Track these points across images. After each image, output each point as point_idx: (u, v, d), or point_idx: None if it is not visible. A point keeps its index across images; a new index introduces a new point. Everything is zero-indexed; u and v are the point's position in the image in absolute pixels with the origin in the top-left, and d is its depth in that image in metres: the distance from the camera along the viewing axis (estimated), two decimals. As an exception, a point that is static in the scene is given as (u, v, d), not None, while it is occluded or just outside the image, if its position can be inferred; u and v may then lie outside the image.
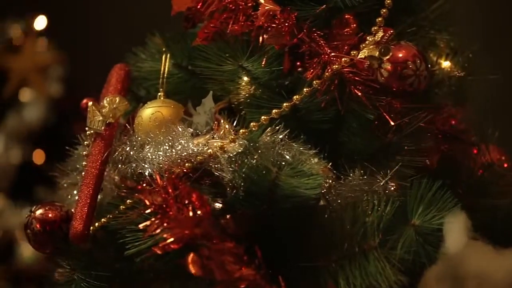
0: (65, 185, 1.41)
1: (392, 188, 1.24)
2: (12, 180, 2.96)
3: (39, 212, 1.31)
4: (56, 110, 3.00)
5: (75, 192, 1.37)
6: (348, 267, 1.17)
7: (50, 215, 1.31)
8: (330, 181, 1.24)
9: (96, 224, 1.28)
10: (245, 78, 1.29)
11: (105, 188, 1.32)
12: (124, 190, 1.25)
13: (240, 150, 1.21)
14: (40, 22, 2.99)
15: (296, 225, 1.20)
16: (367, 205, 1.19)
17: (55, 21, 3.06)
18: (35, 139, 2.98)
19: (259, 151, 1.20)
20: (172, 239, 1.13)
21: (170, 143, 1.24)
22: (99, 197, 1.30)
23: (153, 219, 1.14)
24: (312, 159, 1.20)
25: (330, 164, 1.23)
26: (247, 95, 1.28)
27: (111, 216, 1.29)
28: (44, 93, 2.95)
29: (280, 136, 1.21)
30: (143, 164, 1.24)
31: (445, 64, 1.40)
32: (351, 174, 1.25)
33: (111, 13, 3.21)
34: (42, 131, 2.98)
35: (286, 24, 1.25)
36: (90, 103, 1.32)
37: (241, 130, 1.22)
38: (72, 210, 1.31)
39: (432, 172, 1.25)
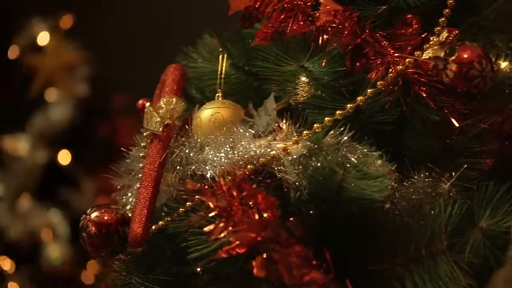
0: (118, 187, 1.39)
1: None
2: (38, 181, 2.95)
3: (94, 214, 1.29)
4: (82, 110, 2.98)
5: (129, 194, 1.36)
6: (415, 271, 1.15)
7: (105, 217, 1.29)
8: (394, 183, 1.22)
9: (153, 227, 1.27)
10: (306, 79, 1.27)
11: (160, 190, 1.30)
12: (185, 193, 1.23)
13: (304, 152, 1.19)
14: (66, 22, 2.97)
15: (361, 227, 1.18)
16: (433, 207, 1.18)
17: (82, 20, 3.04)
18: (61, 139, 2.96)
19: (324, 153, 1.18)
20: (238, 243, 1.11)
21: (231, 145, 1.22)
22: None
23: (217, 222, 1.13)
24: (376, 161, 1.18)
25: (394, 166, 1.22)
26: (308, 96, 1.26)
27: (169, 219, 1.27)
28: (70, 93, 2.93)
29: (345, 138, 1.19)
30: (204, 166, 1.22)
31: (504, 64, 1.38)
32: (415, 176, 1.23)
33: (136, 12, 3.19)
34: (68, 131, 2.96)
35: (347, 24, 1.24)
36: (147, 104, 1.30)
37: (304, 132, 1.20)
38: (128, 212, 1.30)
39: (497, 174, 1.23)
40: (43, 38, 2.99)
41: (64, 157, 3.00)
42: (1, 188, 2.96)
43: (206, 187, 1.16)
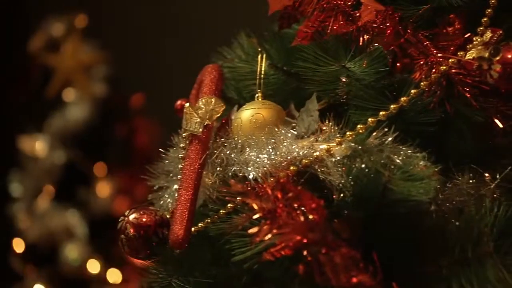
0: (155, 188, 1.38)
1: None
2: (56, 181, 2.94)
3: (132, 216, 1.28)
4: (100, 110, 2.97)
5: (166, 195, 1.34)
6: (462, 273, 1.14)
7: (144, 219, 1.27)
8: (437, 185, 1.21)
9: (193, 229, 1.25)
10: (346, 79, 1.26)
11: (199, 191, 1.29)
12: (227, 194, 1.22)
13: (348, 153, 1.18)
14: (82, 21, 2.96)
15: (406, 229, 1.17)
16: (478, 209, 1.17)
17: (99, 20, 3.04)
18: (79, 139, 2.95)
19: (368, 154, 1.17)
20: (283, 245, 1.10)
21: (273, 146, 1.21)
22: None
23: (262, 224, 1.12)
24: (421, 162, 1.17)
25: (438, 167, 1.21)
26: (349, 96, 1.25)
27: (209, 221, 1.26)
28: (88, 93, 2.92)
29: (389, 139, 1.18)
30: (246, 167, 1.21)
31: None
32: (459, 178, 1.22)
33: (154, 11, 3.18)
34: (85, 132, 2.95)
35: (389, 24, 1.23)
36: (187, 105, 1.29)
37: (347, 133, 1.19)
38: (166, 214, 1.29)
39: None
40: (60, 38, 2.97)
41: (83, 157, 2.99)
42: (19, 188, 2.96)
43: (250, 188, 1.16)
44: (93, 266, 2.89)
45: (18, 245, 2.91)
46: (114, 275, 2.95)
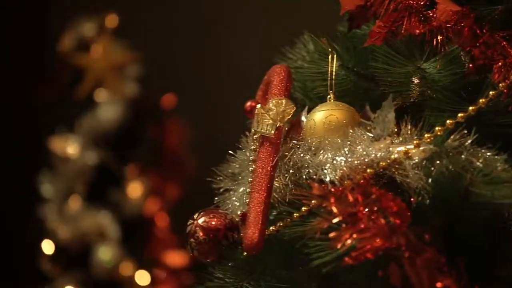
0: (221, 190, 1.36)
1: None
2: (88, 182, 2.92)
3: (202, 220, 1.26)
4: (132, 111, 2.95)
5: (234, 198, 1.32)
6: (544, 278, 1.12)
7: (213, 222, 1.25)
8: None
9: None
10: (419, 81, 1.24)
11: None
12: (303, 197, 1.20)
13: (426, 155, 1.16)
14: (113, 21, 2.94)
15: (488, 232, 1.15)
16: None
17: (130, 19, 3.02)
18: (111, 140, 2.94)
19: (448, 157, 1.15)
20: (365, 249, 1.09)
21: (350, 148, 1.19)
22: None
23: (343, 228, 1.10)
24: (501, 165, 1.16)
25: (517, 170, 1.19)
26: (424, 98, 1.24)
27: (281, 224, 1.25)
28: (119, 93, 2.90)
29: (469, 141, 1.16)
30: (322, 170, 1.19)
31: None
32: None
33: (186, 10, 3.17)
34: (117, 132, 2.93)
35: (465, 24, 1.21)
36: (258, 106, 1.27)
37: (425, 135, 1.17)
38: (236, 217, 1.27)
39: None
40: (91, 38, 2.96)
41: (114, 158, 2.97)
42: (50, 189, 2.94)
43: (328, 191, 1.14)
44: (126, 268, 2.87)
45: (49, 247, 2.89)
46: (143, 277, 2.94)
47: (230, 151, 1.33)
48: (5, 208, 3.29)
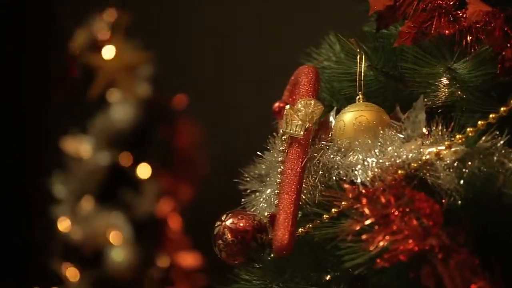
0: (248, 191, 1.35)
1: None
2: (100, 183, 2.91)
3: (230, 221, 1.25)
4: (144, 111, 2.94)
5: (261, 199, 1.32)
6: None
7: (241, 224, 1.25)
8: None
9: (294, 233, 1.23)
10: (448, 81, 1.24)
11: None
12: (333, 198, 1.19)
13: (458, 157, 1.15)
14: (125, 20, 2.93)
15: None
16: None
17: (142, 19, 3.01)
18: (123, 141, 2.93)
19: (480, 158, 1.14)
20: (398, 251, 1.08)
21: (380, 149, 1.18)
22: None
23: (376, 230, 1.09)
24: (534, 167, 1.15)
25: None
26: (454, 98, 1.23)
27: (310, 225, 1.24)
28: (132, 94, 2.89)
29: (501, 142, 1.15)
30: (353, 171, 1.18)
31: None
32: None
33: (198, 10, 3.16)
34: (130, 132, 2.92)
35: (496, 25, 1.20)
36: (287, 107, 1.26)
37: (457, 136, 1.17)
38: (264, 219, 1.26)
39: None
40: (103, 37, 2.95)
41: (126, 159, 2.96)
42: (62, 190, 2.93)
43: (360, 193, 1.13)
44: (138, 268, 2.86)
45: (61, 248, 2.88)
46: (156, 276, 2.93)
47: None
48: (18, 208, 3.29)
